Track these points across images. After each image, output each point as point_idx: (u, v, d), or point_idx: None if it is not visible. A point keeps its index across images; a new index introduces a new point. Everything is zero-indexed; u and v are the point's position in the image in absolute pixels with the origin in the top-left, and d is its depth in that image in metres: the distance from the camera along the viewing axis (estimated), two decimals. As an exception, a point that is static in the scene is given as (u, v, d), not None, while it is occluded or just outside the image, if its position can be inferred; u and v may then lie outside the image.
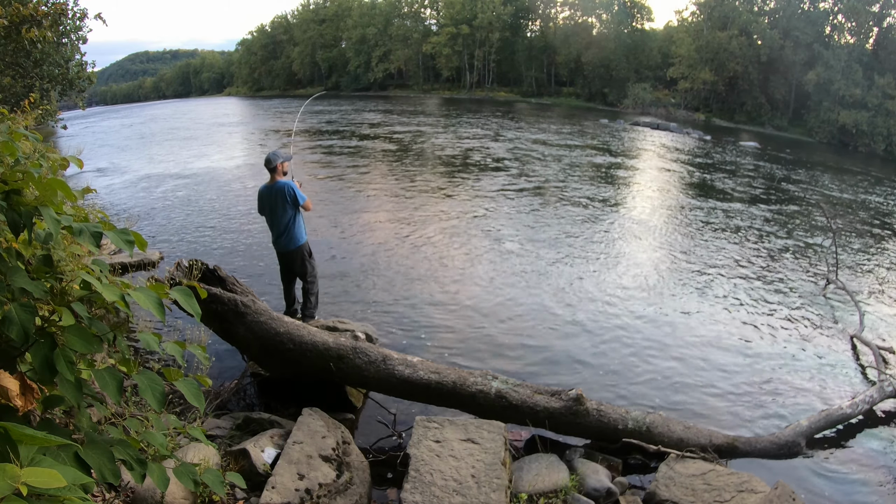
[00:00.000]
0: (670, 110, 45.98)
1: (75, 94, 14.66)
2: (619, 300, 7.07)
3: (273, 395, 4.44)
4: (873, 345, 5.86)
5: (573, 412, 3.86)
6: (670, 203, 13.42)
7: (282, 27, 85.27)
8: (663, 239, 10.06)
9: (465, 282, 7.44)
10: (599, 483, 3.50)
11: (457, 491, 3.00)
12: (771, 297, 7.53)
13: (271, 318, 4.04)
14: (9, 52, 10.09)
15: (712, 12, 46.36)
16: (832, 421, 4.47)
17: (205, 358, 1.87)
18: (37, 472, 0.91)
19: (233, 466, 3.21)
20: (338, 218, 10.45)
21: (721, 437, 4.06)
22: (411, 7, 69.89)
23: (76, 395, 1.46)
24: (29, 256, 1.67)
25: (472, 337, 5.86)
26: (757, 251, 9.68)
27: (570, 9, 60.36)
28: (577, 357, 5.58)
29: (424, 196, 12.50)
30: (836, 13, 41.32)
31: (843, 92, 36.78)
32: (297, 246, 5.23)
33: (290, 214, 5.14)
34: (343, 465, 3.29)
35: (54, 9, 9.44)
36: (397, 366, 3.98)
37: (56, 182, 1.49)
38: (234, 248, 8.63)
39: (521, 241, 9.34)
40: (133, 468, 1.48)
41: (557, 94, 59.30)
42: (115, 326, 1.69)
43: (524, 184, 14.33)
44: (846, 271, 8.76)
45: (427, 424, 3.54)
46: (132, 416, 2.88)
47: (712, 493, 3.37)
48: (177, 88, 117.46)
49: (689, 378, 5.29)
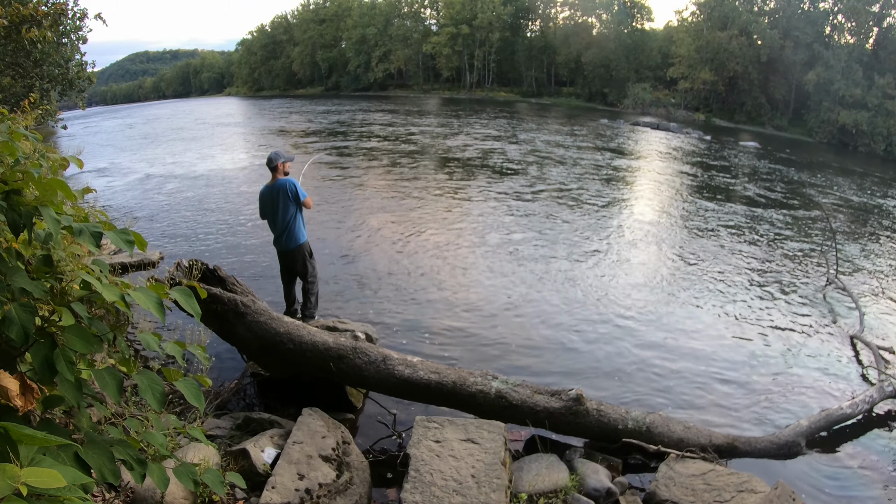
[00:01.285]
0: (670, 110, 45.95)
1: (75, 94, 14.66)
2: (619, 300, 7.07)
3: (273, 395, 4.45)
4: (873, 345, 5.86)
5: (573, 412, 3.86)
6: (670, 203, 13.42)
7: (282, 27, 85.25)
8: (662, 239, 10.06)
9: (465, 282, 7.44)
10: (599, 483, 3.50)
11: (457, 491, 2.99)
12: (771, 297, 7.53)
13: (271, 318, 4.04)
14: (9, 52, 10.09)
15: (712, 12, 46.34)
16: (832, 421, 4.47)
17: (205, 358, 1.87)
18: (37, 472, 0.91)
19: (233, 466, 3.21)
20: (339, 218, 10.45)
21: (721, 437, 4.05)
22: (411, 7, 69.85)
23: (76, 395, 1.46)
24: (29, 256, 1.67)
25: (472, 337, 5.86)
26: (757, 251, 9.68)
27: (570, 9, 60.35)
28: (577, 357, 5.58)
29: (425, 196, 12.50)
30: (836, 13, 41.29)
31: (843, 92, 36.76)
32: (297, 245, 5.23)
33: (291, 213, 5.14)
34: (343, 465, 3.29)
35: (54, 9, 9.43)
36: (397, 366, 3.98)
37: (56, 182, 1.49)
38: (234, 247, 8.63)
39: (521, 241, 9.34)
40: (133, 468, 1.48)
41: (557, 94, 59.29)
42: (115, 326, 1.69)
43: (525, 184, 14.33)
44: (846, 271, 8.76)
45: (427, 424, 3.54)
46: (132, 416, 2.88)
47: (712, 493, 3.37)
48: (177, 88, 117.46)
49: (689, 378, 5.29)
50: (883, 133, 34.18)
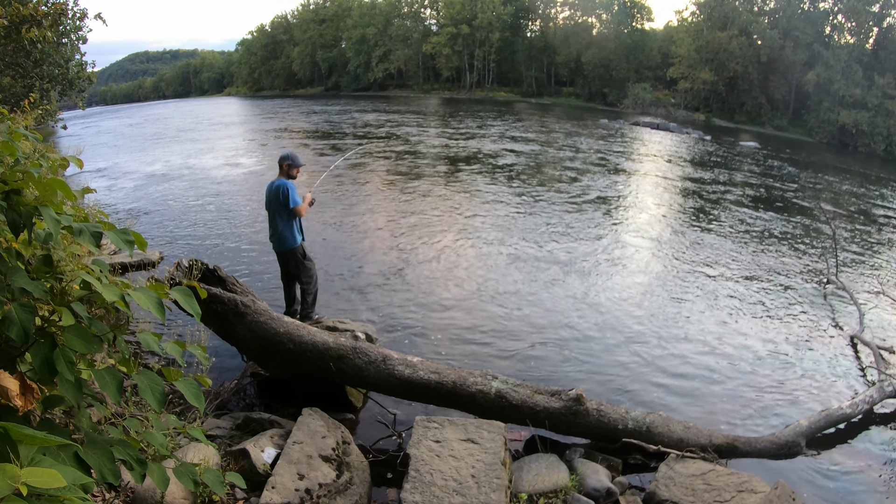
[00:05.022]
0: (670, 110, 45.97)
1: (75, 94, 14.66)
2: (619, 300, 7.07)
3: (273, 395, 4.45)
4: (873, 345, 5.86)
5: (573, 412, 3.86)
6: (670, 203, 13.42)
7: (282, 27, 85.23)
8: (662, 239, 10.06)
9: (465, 282, 7.44)
10: (599, 483, 3.50)
11: (457, 491, 2.99)
12: (771, 297, 7.53)
13: (271, 318, 4.04)
14: (9, 52, 10.08)
15: (712, 12, 46.37)
16: (832, 421, 4.47)
17: (205, 358, 1.87)
18: (37, 472, 0.91)
19: (233, 466, 3.21)
20: (339, 217, 10.45)
21: (721, 437, 4.05)
22: (411, 7, 69.86)
23: (76, 395, 1.45)
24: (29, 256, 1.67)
25: (472, 337, 5.86)
26: (757, 251, 9.68)
27: (570, 9, 60.37)
28: (577, 357, 5.57)
29: (425, 196, 12.50)
30: (836, 13, 41.34)
31: (843, 92, 36.79)
32: (288, 248, 5.22)
33: (283, 216, 5.14)
34: (343, 465, 3.29)
35: (54, 9, 9.44)
36: (397, 366, 3.98)
37: (56, 182, 1.49)
38: (234, 248, 8.63)
39: (521, 241, 9.34)
40: (133, 468, 1.48)
41: (557, 94, 59.31)
42: (115, 326, 1.69)
43: (525, 184, 14.34)
44: (846, 271, 8.76)
45: (427, 424, 3.54)
46: (132, 416, 2.88)
47: (712, 493, 3.37)
48: (177, 88, 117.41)
49: (690, 378, 5.29)
50: (883, 133, 34.21)
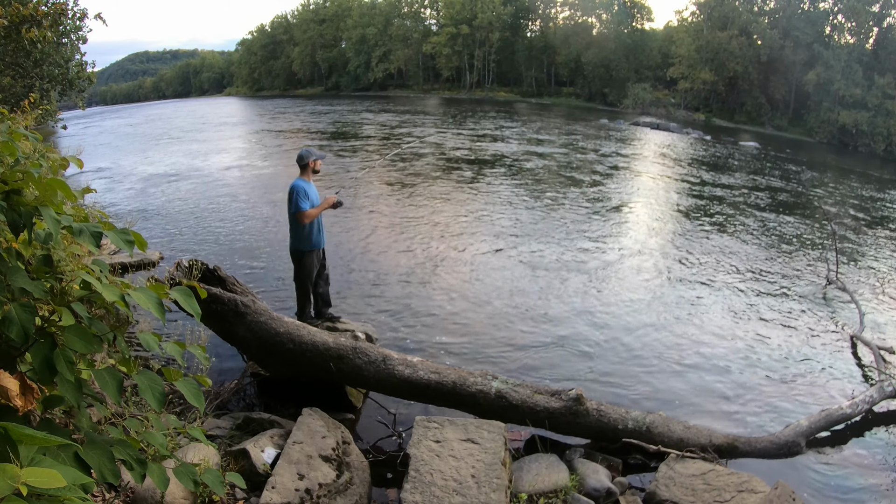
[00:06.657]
0: (670, 110, 45.95)
1: (75, 94, 14.64)
2: (620, 300, 7.07)
3: (273, 395, 4.44)
4: (873, 345, 5.86)
5: (573, 412, 3.86)
6: (670, 203, 13.42)
7: (282, 27, 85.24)
8: (663, 239, 10.06)
9: (466, 283, 7.44)
10: (599, 483, 3.50)
11: (457, 491, 2.99)
12: (771, 297, 7.53)
13: (271, 318, 4.04)
14: (9, 52, 10.08)
15: (712, 12, 46.38)
16: (832, 421, 4.47)
17: (205, 358, 1.87)
18: (37, 472, 0.91)
19: (233, 466, 3.21)
20: (339, 217, 10.43)
21: (721, 437, 4.05)
22: (411, 7, 69.86)
23: (76, 395, 1.45)
24: (29, 256, 1.67)
25: (472, 337, 5.86)
26: (757, 251, 9.68)
27: (570, 9, 60.38)
28: (578, 357, 5.58)
29: (424, 196, 12.50)
30: (836, 13, 41.35)
31: (843, 92, 36.80)
32: (290, 248, 5.27)
33: (290, 217, 5.16)
34: (343, 465, 3.29)
35: (54, 9, 9.41)
36: (397, 366, 3.98)
37: (56, 182, 1.49)
38: (234, 248, 8.63)
39: (521, 241, 9.34)
40: (133, 468, 1.48)
41: (557, 94, 59.30)
42: (115, 326, 1.69)
43: (525, 185, 14.34)
44: (846, 271, 8.75)
45: (427, 424, 3.54)
46: (132, 416, 2.88)
47: (712, 493, 3.37)
48: (177, 88, 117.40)
49: (690, 378, 5.29)
50: (883, 133, 34.22)
